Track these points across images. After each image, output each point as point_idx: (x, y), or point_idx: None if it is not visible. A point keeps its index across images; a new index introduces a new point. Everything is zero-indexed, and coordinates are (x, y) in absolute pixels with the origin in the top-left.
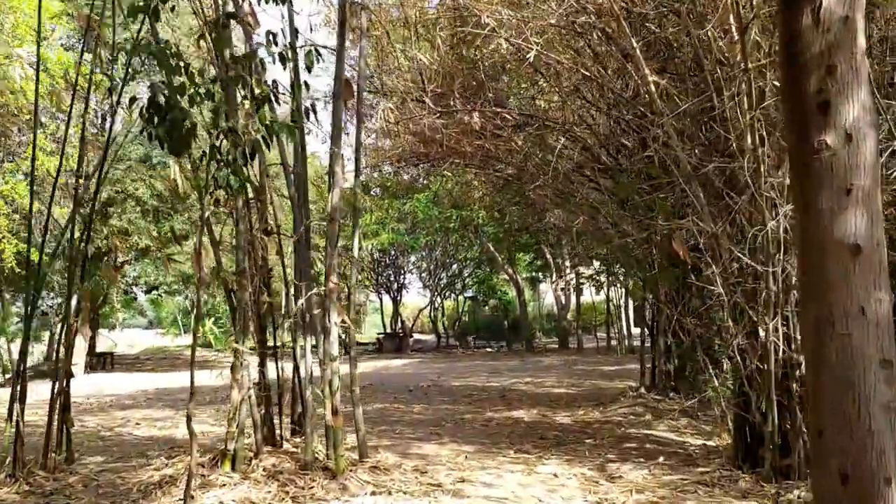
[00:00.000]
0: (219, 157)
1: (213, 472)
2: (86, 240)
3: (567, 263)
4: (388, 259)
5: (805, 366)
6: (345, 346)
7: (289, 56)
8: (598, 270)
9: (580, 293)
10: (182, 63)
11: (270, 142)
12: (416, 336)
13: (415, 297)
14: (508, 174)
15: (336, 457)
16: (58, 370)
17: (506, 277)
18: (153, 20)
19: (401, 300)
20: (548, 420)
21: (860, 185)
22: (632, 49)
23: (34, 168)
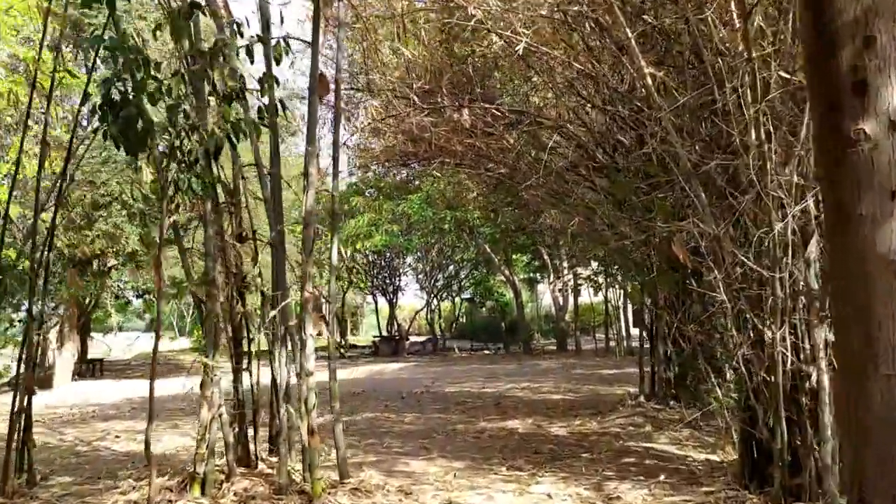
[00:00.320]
0: (181, 158)
1: (181, 497)
2: (48, 245)
3: (565, 264)
4: (384, 261)
5: (839, 404)
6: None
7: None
8: (596, 271)
9: (578, 294)
10: (141, 57)
11: (238, 140)
12: (413, 338)
13: (411, 300)
14: (500, 174)
15: (312, 480)
16: (17, 386)
17: (503, 279)
18: (112, 11)
19: (396, 302)
20: (543, 431)
21: None
22: (627, 40)
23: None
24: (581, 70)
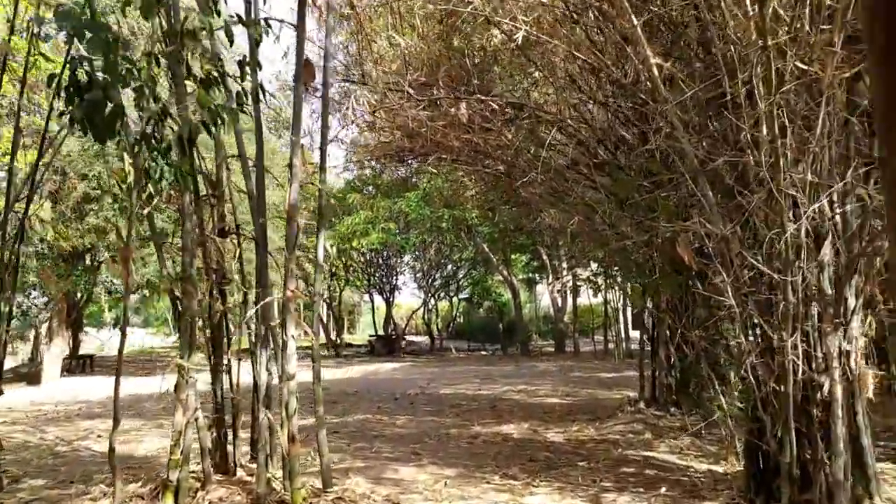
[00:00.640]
0: (153, 145)
1: None
2: (19, 239)
3: (564, 265)
4: (381, 259)
5: None
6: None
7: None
8: (596, 273)
9: (577, 295)
10: (109, 35)
11: (216, 128)
12: (410, 338)
13: (409, 298)
14: (498, 170)
15: (292, 489)
16: None
17: (501, 279)
18: None
19: (393, 301)
20: (539, 437)
21: None
22: (632, 28)
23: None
24: (583, 63)
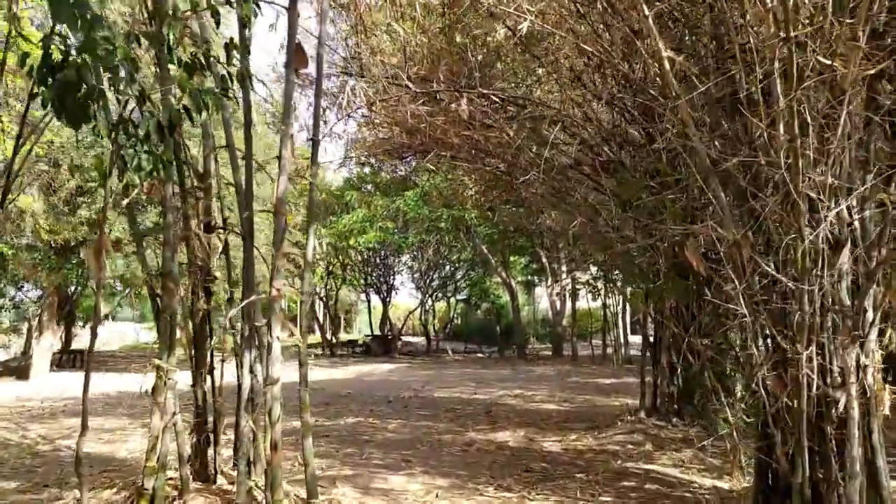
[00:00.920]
0: (131, 132)
1: None
2: None
3: (563, 268)
4: (379, 259)
5: None
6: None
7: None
8: (596, 276)
9: (576, 299)
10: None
11: (199, 114)
12: (406, 338)
13: (406, 299)
14: (499, 169)
15: (274, 501)
16: None
17: (499, 281)
18: None
19: (390, 301)
20: (535, 446)
21: None
22: (644, 19)
23: None
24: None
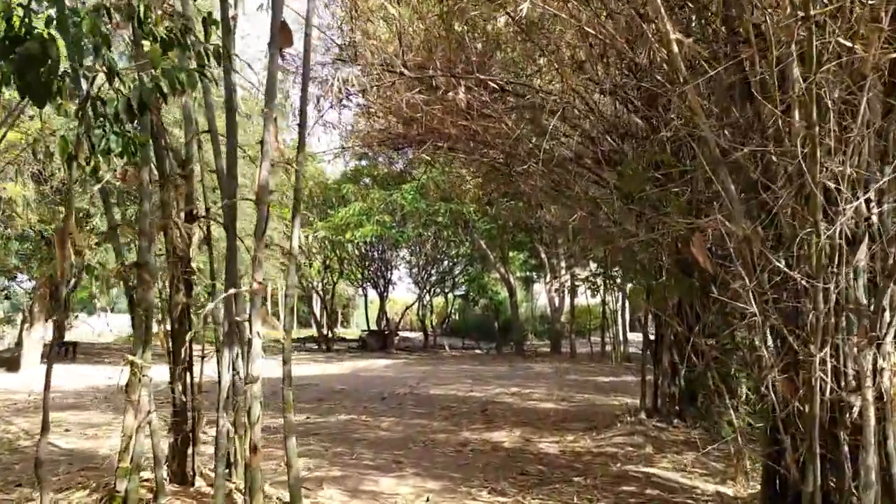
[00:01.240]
0: (99, 111)
1: None
2: None
3: (562, 264)
4: (376, 253)
5: None
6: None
7: None
8: (595, 273)
9: (575, 295)
10: None
11: (174, 92)
12: (403, 334)
13: (404, 294)
14: (497, 161)
15: None
16: None
17: (498, 276)
18: None
19: (388, 296)
20: (531, 447)
21: None
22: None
23: None
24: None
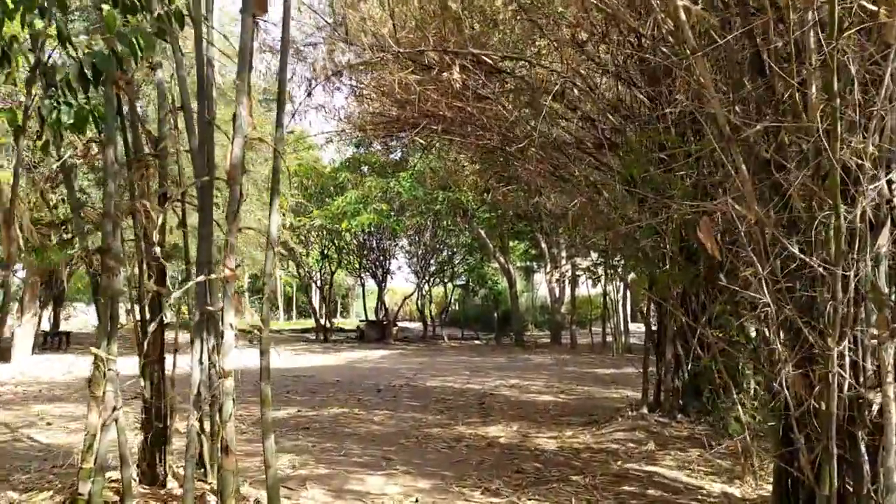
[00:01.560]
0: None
1: None
2: None
3: (563, 254)
4: (375, 242)
5: None
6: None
7: None
8: (596, 262)
9: (575, 285)
10: None
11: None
12: (402, 324)
13: (403, 284)
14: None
15: None
16: None
17: (497, 266)
18: None
19: (386, 286)
20: (528, 443)
21: None
22: None
23: None
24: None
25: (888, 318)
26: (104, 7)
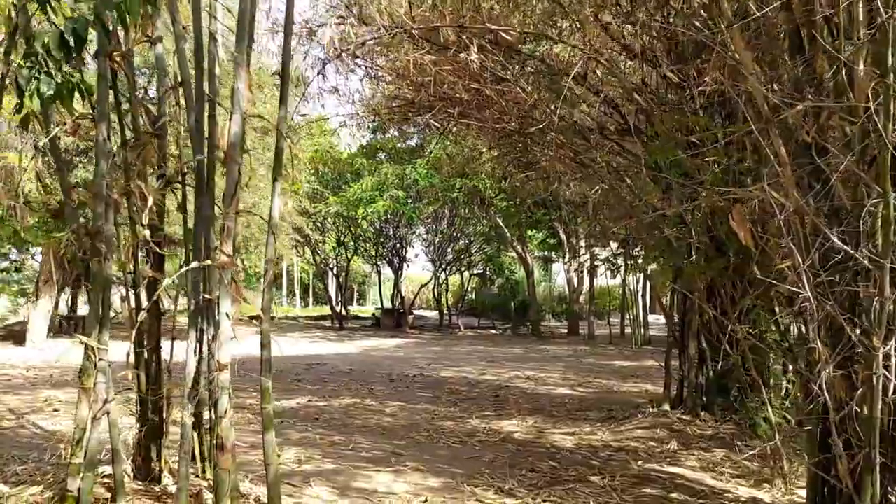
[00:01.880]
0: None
1: None
2: None
3: (582, 243)
4: (392, 229)
5: None
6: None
7: None
8: (616, 253)
9: (594, 276)
10: None
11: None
12: (418, 312)
13: (420, 272)
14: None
15: None
16: None
17: (514, 255)
18: None
19: (402, 274)
20: (544, 439)
21: None
22: None
23: None
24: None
25: None
26: None
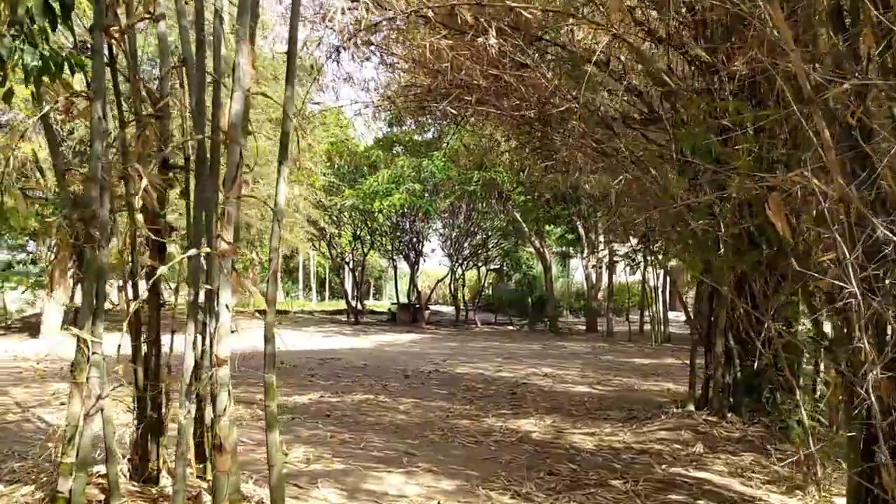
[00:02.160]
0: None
1: None
2: None
3: (601, 238)
4: (408, 223)
5: None
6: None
7: None
8: (636, 248)
9: (613, 271)
10: None
11: None
12: (435, 307)
13: (436, 266)
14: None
15: None
16: None
17: (532, 250)
18: None
19: (419, 268)
20: (563, 440)
21: None
22: None
23: None
24: None
25: None
26: None
